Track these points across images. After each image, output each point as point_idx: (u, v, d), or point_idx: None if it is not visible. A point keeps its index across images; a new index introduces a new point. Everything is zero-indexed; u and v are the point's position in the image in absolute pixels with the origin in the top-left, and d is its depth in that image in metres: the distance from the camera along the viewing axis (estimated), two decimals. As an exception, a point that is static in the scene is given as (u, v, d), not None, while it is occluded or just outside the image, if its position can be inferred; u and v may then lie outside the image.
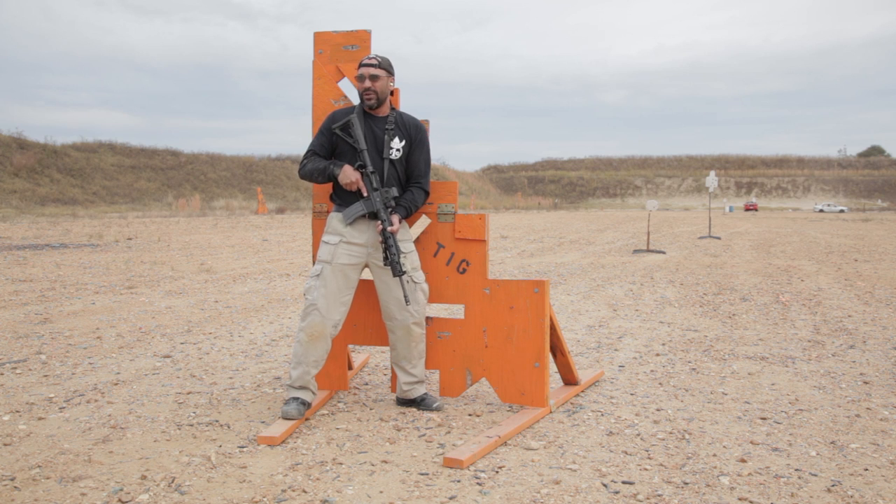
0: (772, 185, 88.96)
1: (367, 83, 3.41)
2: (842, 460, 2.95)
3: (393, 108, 3.55)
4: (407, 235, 3.54)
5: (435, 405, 3.58)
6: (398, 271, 3.31)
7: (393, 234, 3.35)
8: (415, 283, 3.49)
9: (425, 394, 3.63)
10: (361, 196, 3.43)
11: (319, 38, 3.82)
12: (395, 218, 3.39)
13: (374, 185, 3.40)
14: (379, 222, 3.37)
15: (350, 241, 3.44)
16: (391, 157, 3.47)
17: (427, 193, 3.58)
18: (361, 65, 3.45)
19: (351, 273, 3.46)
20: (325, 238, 3.50)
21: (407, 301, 3.35)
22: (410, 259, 3.50)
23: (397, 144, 3.48)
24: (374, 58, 3.44)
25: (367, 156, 3.43)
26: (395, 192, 3.43)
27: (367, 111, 3.50)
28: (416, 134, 3.53)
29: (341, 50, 3.77)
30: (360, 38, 3.76)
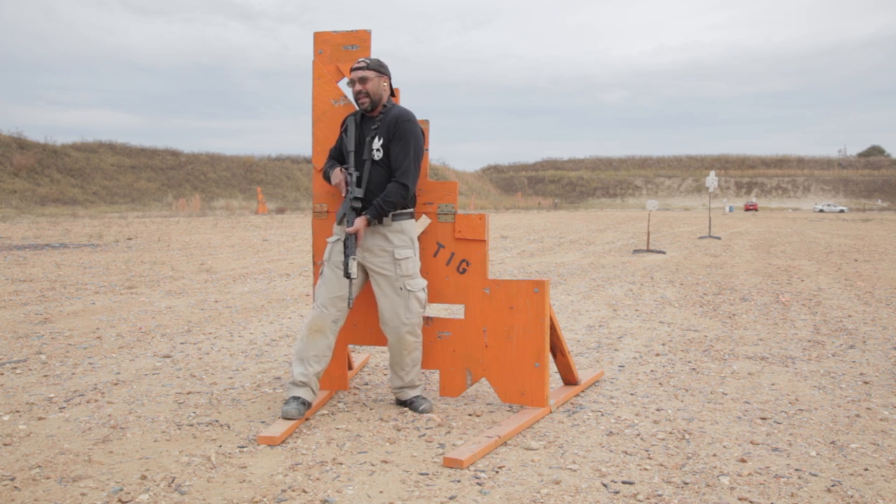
0: (772, 185, 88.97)
1: (358, 86, 3.44)
2: (842, 460, 2.95)
3: (385, 106, 3.52)
4: (404, 242, 3.49)
5: (422, 408, 3.55)
6: (345, 273, 3.34)
7: (350, 234, 3.37)
8: (408, 291, 3.46)
9: (416, 396, 3.63)
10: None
11: (319, 38, 3.82)
12: (359, 220, 3.39)
13: (350, 186, 3.44)
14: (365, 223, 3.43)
15: None
16: (373, 157, 3.47)
17: (405, 187, 3.41)
18: (351, 70, 3.48)
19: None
20: (328, 238, 3.58)
21: (349, 304, 3.37)
22: (405, 266, 3.46)
23: (377, 144, 3.47)
24: (362, 60, 3.47)
25: (353, 157, 3.48)
26: (357, 192, 3.42)
27: (365, 113, 3.54)
28: (393, 129, 3.45)
29: (341, 50, 3.77)
30: (360, 38, 3.76)
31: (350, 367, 4.21)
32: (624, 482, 2.71)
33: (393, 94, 3.62)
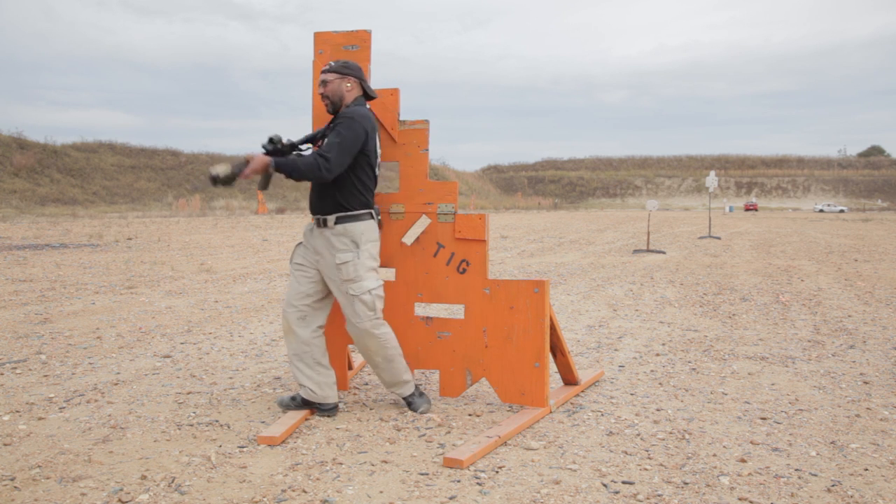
0: (772, 185, 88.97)
1: (320, 89, 3.50)
2: (842, 460, 2.95)
3: (347, 107, 3.50)
4: (345, 245, 3.41)
5: (420, 409, 3.55)
6: (210, 173, 3.39)
7: (246, 159, 3.38)
8: (352, 295, 3.38)
9: (412, 394, 3.60)
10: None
11: (320, 38, 3.82)
12: (261, 156, 3.37)
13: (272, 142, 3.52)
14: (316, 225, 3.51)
15: (306, 244, 3.56)
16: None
17: (317, 164, 3.28)
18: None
19: (304, 271, 3.53)
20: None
21: (191, 189, 3.42)
22: (345, 270, 3.38)
23: (325, 143, 3.50)
24: (329, 63, 3.52)
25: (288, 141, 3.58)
26: (274, 136, 3.49)
27: (332, 114, 3.57)
28: (334, 123, 3.47)
29: (341, 50, 3.77)
30: (361, 39, 3.76)
31: (350, 367, 4.21)
32: (624, 482, 2.71)
33: (369, 96, 3.55)
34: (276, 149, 3.51)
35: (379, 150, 3.57)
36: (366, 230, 3.44)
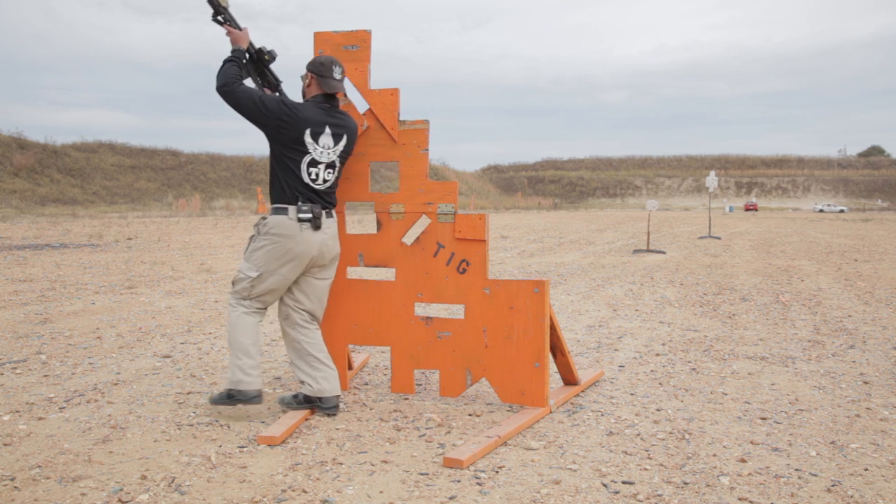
0: (772, 185, 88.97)
1: None
2: (842, 460, 2.95)
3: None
4: (253, 231, 3.54)
5: (210, 400, 3.45)
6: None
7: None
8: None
9: (230, 386, 3.42)
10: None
11: (320, 38, 3.82)
12: (247, 31, 3.54)
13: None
14: None
15: None
16: None
17: (238, 83, 3.42)
18: None
19: None
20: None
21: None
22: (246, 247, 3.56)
23: None
24: None
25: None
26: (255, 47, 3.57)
27: None
28: None
29: (341, 50, 3.77)
30: (360, 39, 3.76)
31: (350, 367, 4.21)
32: (624, 482, 2.71)
33: (325, 91, 3.51)
34: (260, 58, 3.56)
35: (313, 149, 3.43)
36: (268, 223, 3.45)
